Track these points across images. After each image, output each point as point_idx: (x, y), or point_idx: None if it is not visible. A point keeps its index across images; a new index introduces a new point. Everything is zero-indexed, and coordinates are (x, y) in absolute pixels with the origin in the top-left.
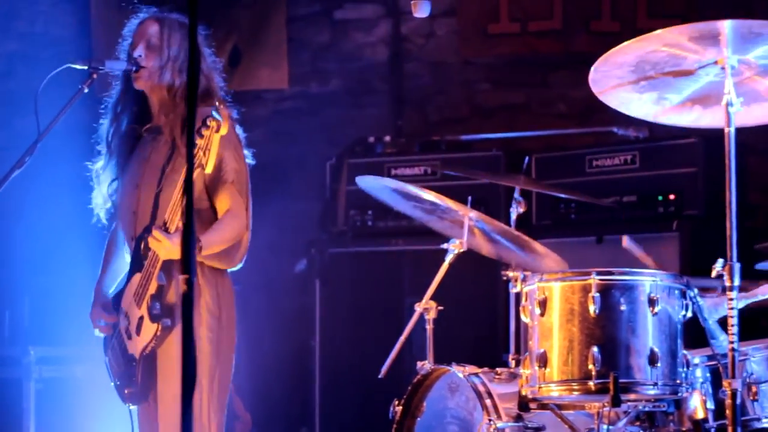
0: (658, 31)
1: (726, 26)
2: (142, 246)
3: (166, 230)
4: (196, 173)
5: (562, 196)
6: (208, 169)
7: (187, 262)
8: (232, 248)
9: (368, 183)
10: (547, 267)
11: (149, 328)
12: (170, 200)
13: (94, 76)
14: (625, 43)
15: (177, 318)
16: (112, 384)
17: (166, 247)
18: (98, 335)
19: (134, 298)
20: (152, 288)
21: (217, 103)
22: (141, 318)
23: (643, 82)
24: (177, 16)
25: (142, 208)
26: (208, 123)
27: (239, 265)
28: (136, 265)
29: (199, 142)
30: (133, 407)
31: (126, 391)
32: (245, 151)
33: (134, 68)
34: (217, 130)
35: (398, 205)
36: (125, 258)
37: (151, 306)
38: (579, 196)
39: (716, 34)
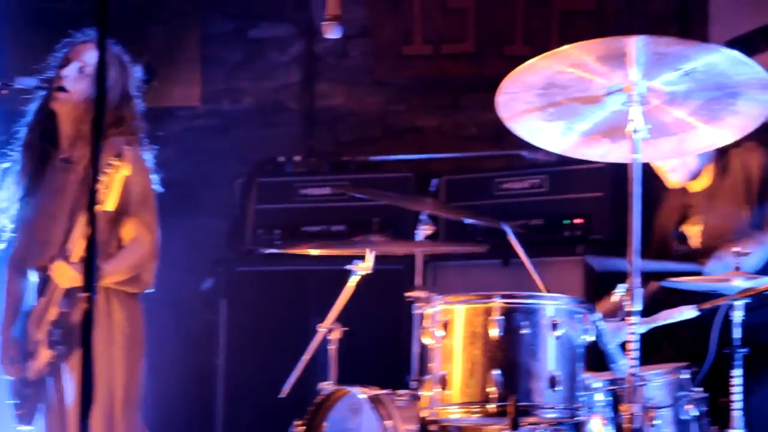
0: (566, 47)
1: (633, 43)
2: (48, 273)
3: (67, 260)
4: (98, 211)
5: (467, 221)
6: (109, 207)
7: (89, 279)
8: (141, 274)
9: None
10: None
11: (44, 354)
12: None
13: (4, 92)
14: (533, 60)
15: (74, 345)
16: (10, 402)
17: (69, 276)
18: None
19: (35, 321)
20: (52, 314)
21: (125, 146)
22: (38, 342)
23: (551, 108)
24: (118, 51)
25: (53, 239)
26: (112, 163)
27: (149, 290)
28: (42, 290)
29: (103, 179)
30: (26, 428)
31: (18, 411)
32: (153, 176)
33: (47, 87)
34: (119, 172)
35: None
36: (26, 284)
37: (50, 332)
38: (484, 219)
39: (623, 52)
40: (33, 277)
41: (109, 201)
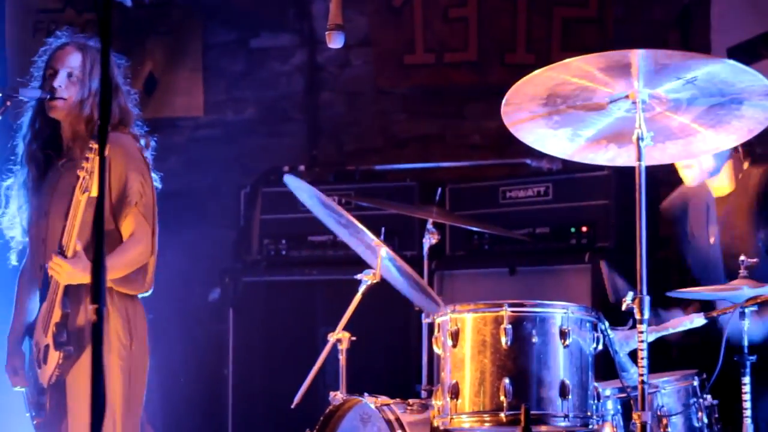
0: (568, 60)
1: (636, 56)
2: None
3: (63, 255)
4: (83, 197)
5: (474, 229)
6: (93, 193)
7: (97, 291)
8: (138, 273)
9: (294, 184)
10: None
11: (53, 357)
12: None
13: (8, 103)
14: (535, 72)
15: (82, 346)
16: (28, 415)
17: (66, 271)
18: (18, 390)
19: (42, 326)
20: (56, 316)
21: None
22: (47, 346)
23: (555, 116)
24: (95, 43)
25: (51, 237)
26: (92, 146)
27: (149, 291)
28: (45, 293)
29: (86, 165)
30: None
31: (35, 422)
32: (153, 175)
33: (48, 96)
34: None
35: (318, 213)
36: (37, 293)
37: (56, 334)
38: (491, 228)
39: (626, 64)
40: (36, 284)
41: (93, 186)
